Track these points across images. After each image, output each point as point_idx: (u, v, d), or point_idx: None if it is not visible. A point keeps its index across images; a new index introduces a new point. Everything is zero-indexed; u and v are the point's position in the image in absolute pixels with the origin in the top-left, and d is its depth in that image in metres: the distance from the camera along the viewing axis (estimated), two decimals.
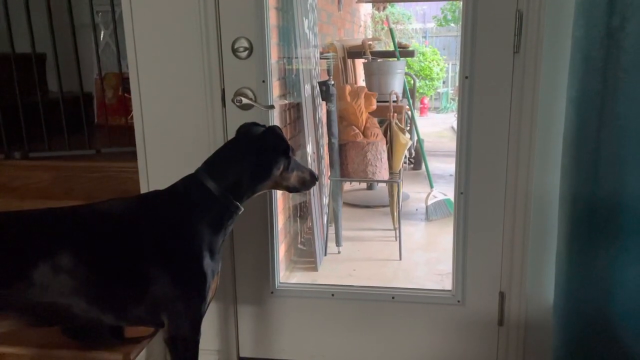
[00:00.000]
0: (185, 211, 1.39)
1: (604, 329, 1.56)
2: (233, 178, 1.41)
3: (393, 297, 1.92)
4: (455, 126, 2.03)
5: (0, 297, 1.26)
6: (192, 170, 1.45)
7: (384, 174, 3.18)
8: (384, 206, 3.76)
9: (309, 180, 1.54)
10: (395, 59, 4.12)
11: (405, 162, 4.44)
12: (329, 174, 3.19)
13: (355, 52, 4.13)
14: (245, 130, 1.51)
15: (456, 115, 1.87)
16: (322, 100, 3.07)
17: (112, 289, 1.33)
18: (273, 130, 1.48)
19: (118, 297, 1.35)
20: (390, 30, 4.53)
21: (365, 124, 3.21)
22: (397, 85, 3.97)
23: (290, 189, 1.54)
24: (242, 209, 1.44)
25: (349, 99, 3.16)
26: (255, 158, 1.43)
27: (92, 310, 1.32)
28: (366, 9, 6.97)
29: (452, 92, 8.62)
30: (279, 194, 2.46)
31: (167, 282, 1.34)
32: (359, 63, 4.50)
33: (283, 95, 2.66)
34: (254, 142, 1.45)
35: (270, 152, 1.45)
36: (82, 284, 1.29)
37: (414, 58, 7.07)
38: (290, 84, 2.75)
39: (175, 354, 1.40)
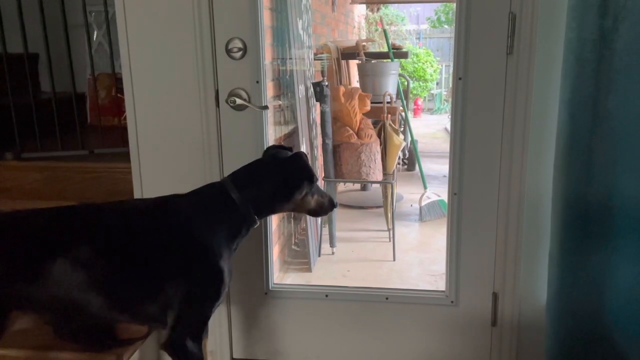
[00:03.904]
0: (208, 215, 1.43)
1: (596, 329, 1.57)
2: (256, 194, 1.46)
3: (387, 298, 1.93)
4: (448, 127, 2.03)
5: (19, 294, 1.28)
6: (186, 172, 1.45)
7: (378, 175, 3.19)
8: (377, 207, 3.76)
9: (327, 206, 1.58)
10: (389, 60, 4.13)
11: (399, 163, 4.45)
12: (323, 174, 3.19)
13: (349, 53, 4.14)
14: (273, 153, 1.55)
15: (450, 117, 1.88)
16: (316, 101, 3.07)
17: (129, 286, 1.35)
18: (299, 157, 1.53)
19: (135, 295, 1.37)
20: (384, 31, 4.55)
21: (359, 125, 3.22)
22: (390, 86, 3.98)
23: (310, 213, 1.59)
24: (258, 223, 1.48)
25: (342, 100, 3.16)
26: (280, 180, 1.48)
27: (108, 307, 1.34)
28: (360, 10, 6.99)
29: (445, 93, 8.65)
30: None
31: (185, 284, 1.36)
32: (353, 64, 4.51)
33: (277, 96, 2.66)
34: (280, 166, 1.50)
35: (295, 177, 1.50)
36: (100, 280, 1.31)
37: (408, 59, 7.09)
38: (284, 84, 2.75)
39: (181, 355, 1.40)
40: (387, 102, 3.51)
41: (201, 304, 1.41)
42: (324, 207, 1.58)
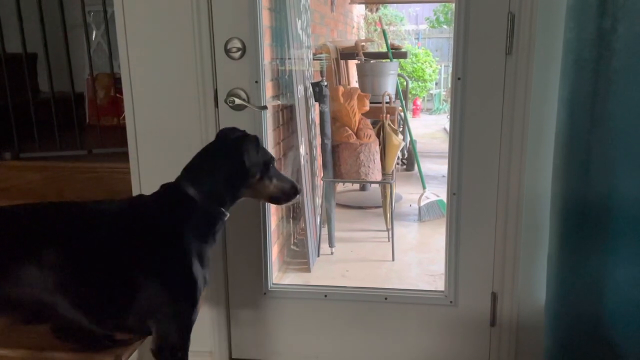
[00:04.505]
0: (171, 219, 1.38)
1: (594, 329, 1.57)
2: (212, 184, 1.40)
3: (386, 298, 1.93)
4: (447, 127, 2.04)
5: None
6: None
7: (377, 175, 3.19)
8: (376, 207, 3.76)
9: (290, 191, 1.50)
10: (388, 60, 4.13)
11: (398, 163, 4.45)
12: (322, 174, 3.19)
13: (348, 53, 4.14)
14: (223, 136, 1.49)
15: (449, 117, 1.88)
16: (315, 101, 3.07)
17: (96, 292, 1.32)
18: (249, 139, 1.45)
19: (103, 302, 1.33)
20: (383, 31, 4.55)
21: (358, 125, 3.22)
22: (389, 86, 3.98)
23: (271, 199, 1.51)
24: (228, 215, 1.43)
25: (342, 100, 3.16)
26: (231, 165, 1.41)
27: (76, 313, 1.30)
28: (359, 10, 6.99)
29: (444, 93, 8.65)
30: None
31: (157, 289, 1.32)
32: (352, 64, 4.51)
33: (276, 96, 2.66)
34: (230, 148, 1.43)
35: (246, 159, 1.42)
36: (65, 284, 1.27)
37: (407, 59, 7.09)
38: (283, 84, 2.75)
39: None
40: (386, 102, 3.51)
41: (177, 312, 1.36)
42: (286, 193, 1.49)
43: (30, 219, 1.33)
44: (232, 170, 1.42)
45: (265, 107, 1.79)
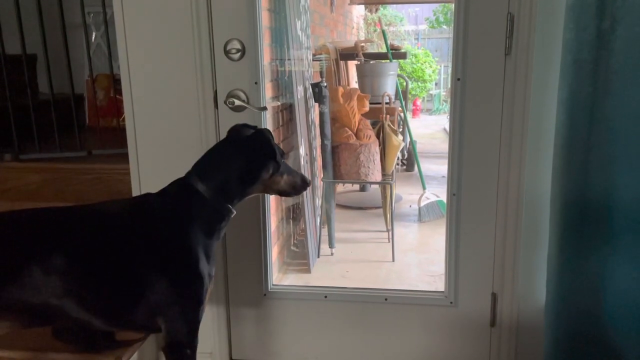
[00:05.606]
0: (179, 215, 1.38)
1: (594, 330, 1.57)
2: (222, 180, 1.40)
3: (386, 299, 1.93)
4: (447, 128, 2.04)
5: None
6: (183, 173, 1.44)
7: (377, 176, 3.19)
8: (376, 208, 3.76)
9: (300, 184, 1.52)
10: (388, 60, 4.13)
11: (397, 164, 4.45)
12: (322, 175, 3.19)
13: (347, 54, 4.14)
14: (235, 132, 1.50)
15: (448, 117, 1.88)
16: (315, 102, 3.07)
17: (105, 292, 1.32)
18: (262, 134, 1.47)
19: (112, 301, 1.33)
20: (383, 32, 4.55)
21: (358, 125, 3.22)
22: (389, 86, 3.98)
23: (281, 193, 1.53)
24: (235, 212, 1.44)
25: (341, 100, 3.16)
26: (244, 161, 1.43)
27: (84, 313, 1.30)
28: (359, 10, 7.00)
29: (444, 93, 8.66)
30: (272, 195, 2.46)
31: (164, 286, 1.33)
32: (352, 65, 4.51)
33: (276, 97, 2.66)
34: (243, 145, 1.45)
35: (259, 155, 1.44)
36: (74, 287, 1.27)
37: (407, 60, 7.10)
38: (282, 85, 2.75)
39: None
40: (386, 103, 3.51)
41: (185, 309, 1.36)
42: (297, 187, 1.51)
43: (36, 224, 1.33)
44: (246, 166, 1.42)
45: (265, 108, 1.79)
